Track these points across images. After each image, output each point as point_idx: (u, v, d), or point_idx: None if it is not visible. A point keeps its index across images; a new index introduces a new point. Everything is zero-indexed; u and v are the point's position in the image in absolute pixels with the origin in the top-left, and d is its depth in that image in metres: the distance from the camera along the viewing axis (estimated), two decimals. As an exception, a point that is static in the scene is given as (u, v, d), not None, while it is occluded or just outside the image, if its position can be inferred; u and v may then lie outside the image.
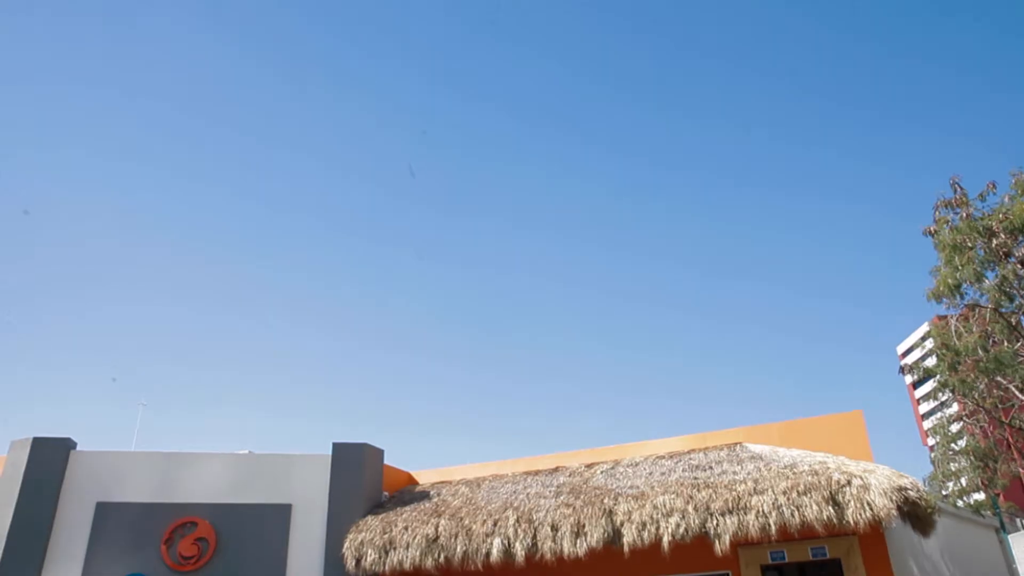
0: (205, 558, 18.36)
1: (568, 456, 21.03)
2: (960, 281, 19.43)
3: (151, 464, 19.43)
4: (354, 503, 19.44)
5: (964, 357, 18.53)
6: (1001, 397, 22.39)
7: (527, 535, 16.82)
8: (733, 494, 15.57)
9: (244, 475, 19.52)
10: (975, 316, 20.37)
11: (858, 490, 14.66)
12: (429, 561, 17.47)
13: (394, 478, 21.66)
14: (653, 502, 16.15)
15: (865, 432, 18.30)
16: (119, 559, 18.17)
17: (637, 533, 15.82)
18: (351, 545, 18.30)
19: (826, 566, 17.97)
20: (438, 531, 17.73)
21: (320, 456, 19.80)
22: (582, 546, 16.24)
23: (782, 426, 19.16)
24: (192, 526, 18.63)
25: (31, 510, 18.34)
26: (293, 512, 19.06)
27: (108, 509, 18.69)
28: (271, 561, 18.52)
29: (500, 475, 20.93)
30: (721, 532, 15.19)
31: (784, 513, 14.85)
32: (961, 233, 18.25)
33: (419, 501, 19.98)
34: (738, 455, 17.85)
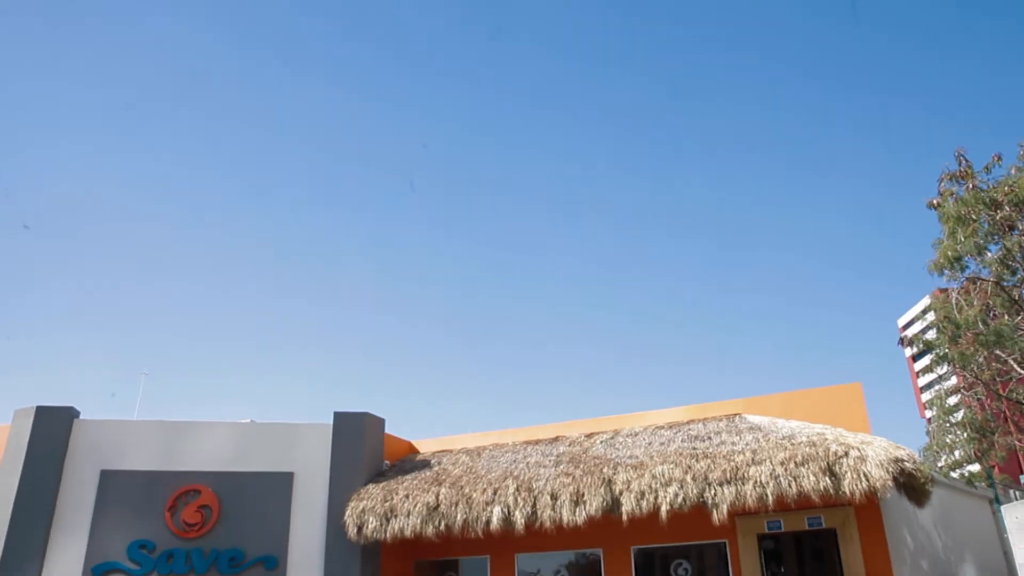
0: (208, 525, 18.59)
1: (568, 426, 21.19)
2: (961, 253, 19.35)
3: (154, 433, 19.59)
4: (355, 472, 19.63)
5: (964, 330, 18.51)
6: (999, 370, 22.42)
7: (527, 503, 17.01)
8: (731, 464, 15.71)
9: (246, 444, 19.68)
10: (976, 289, 20.33)
11: (855, 461, 14.79)
12: (430, 529, 17.69)
13: (395, 447, 21.85)
14: (652, 472, 16.30)
15: (864, 404, 18.43)
16: (124, 526, 18.40)
17: (636, 502, 15.99)
18: (352, 513, 18.52)
19: (822, 536, 18.21)
20: (439, 499, 17.92)
21: (321, 425, 19.96)
22: (581, 515, 16.44)
23: (781, 397, 19.27)
24: (195, 494, 18.84)
25: (36, 478, 18.53)
26: (295, 480, 19.27)
27: (112, 477, 18.88)
28: (273, 528, 18.75)
29: (500, 444, 21.11)
30: (719, 502, 15.36)
31: (781, 483, 15.00)
32: (966, 205, 18.12)
33: (420, 470, 20.17)
34: (737, 426, 17.98)
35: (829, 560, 17.92)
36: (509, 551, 19.71)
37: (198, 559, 18.21)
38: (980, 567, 21.91)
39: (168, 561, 18.14)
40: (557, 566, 19.76)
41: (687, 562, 18.64)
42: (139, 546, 18.20)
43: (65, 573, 17.89)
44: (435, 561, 20.97)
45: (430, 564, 21.12)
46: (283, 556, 18.51)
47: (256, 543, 18.53)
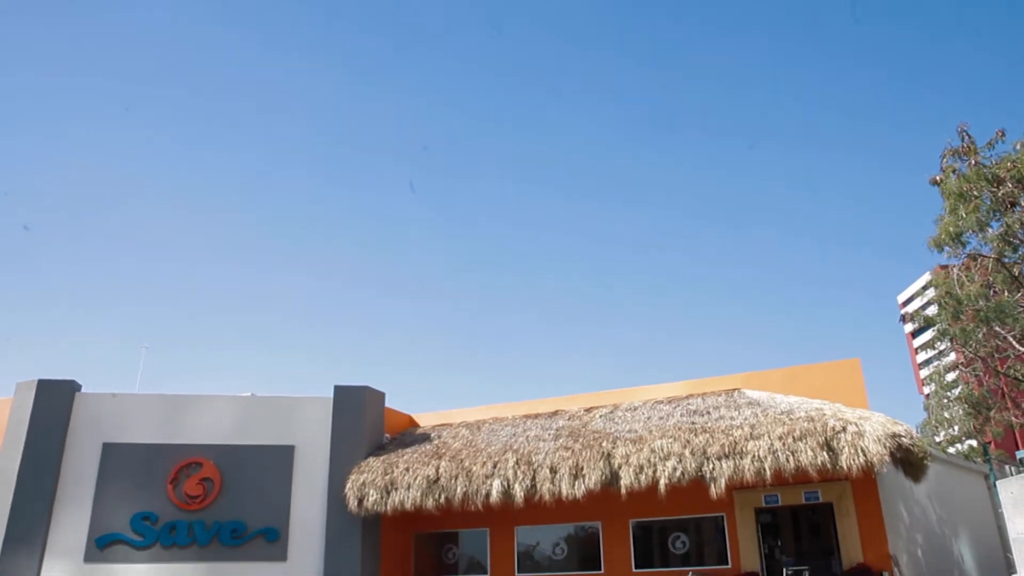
0: (211, 497, 18.75)
1: (567, 400, 21.28)
2: (963, 230, 19.34)
3: (156, 406, 19.70)
4: (356, 445, 19.76)
5: (966, 306, 18.57)
6: (998, 347, 22.54)
7: (526, 477, 17.13)
8: (730, 439, 15.80)
9: (247, 417, 19.79)
10: (977, 266, 20.36)
11: (853, 436, 14.86)
12: (430, 502, 17.85)
13: (395, 420, 21.98)
14: (651, 446, 16.40)
15: (862, 380, 18.48)
16: (127, 498, 18.57)
17: (634, 476, 16.10)
18: (353, 486, 18.67)
19: (818, 510, 18.38)
20: (439, 472, 18.05)
21: (322, 399, 20.05)
22: (580, 488, 16.57)
23: (780, 373, 19.32)
24: (197, 466, 18.98)
25: (39, 451, 18.66)
26: (296, 453, 19.40)
27: (114, 450, 19.01)
28: (275, 501, 18.92)
29: (500, 418, 21.22)
30: (717, 476, 15.47)
31: (779, 458, 15.09)
32: (968, 181, 18.09)
33: (420, 443, 20.30)
34: (736, 401, 18.05)
35: (825, 534, 18.10)
36: (509, 524, 19.91)
37: (200, 531, 18.40)
38: (974, 541, 22.14)
39: (171, 533, 18.33)
40: (556, 539, 19.97)
41: (685, 535, 18.82)
42: (142, 518, 18.38)
43: (69, 544, 18.12)
44: (435, 533, 21.19)
45: (430, 536, 21.34)
46: (284, 528, 18.70)
47: (257, 515, 18.70)
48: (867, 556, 16.98)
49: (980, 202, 18.46)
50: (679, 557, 18.64)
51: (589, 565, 19.32)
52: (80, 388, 19.72)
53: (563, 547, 19.89)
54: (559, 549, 19.89)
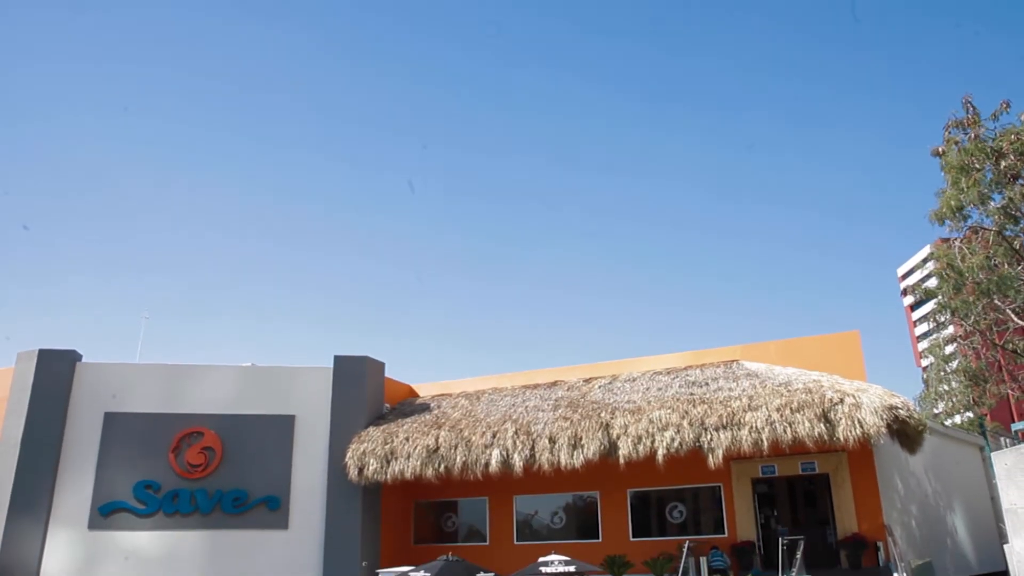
0: (212, 466, 18.90)
1: (567, 371, 21.36)
2: (964, 203, 19.27)
3: (157, 375, 19.78)
4: (356, 414, 19.88)
5: (966, 279, 18.56)
6: (997, 320, 22.58)
7: (525, 447, 17.26)
8: (728, 410, 15.89)
9: (248, 387, 19.88)
10: (978, 239, 20.31)
11: (850, 408, 14.94)
12: (429, 471, 18.00)
13: (395, 390, 22.09)
14: (649, 416, 16.50)
15: (860, 352, 18.54)
16: (130, 467, 18.72)
17: (633, 446, 16.22)
18: (353, 455, 18.81)
19: (814, 480, 18.55)
20: (438, 442, 18.19)
21: (322, 369, 20.13)
22: (579, 458, 16.70)
23: (779, 344, 19.37)
24: (198, 436, 19.11)
25: (42, 420, 18.77)
26: (296, 423, 19.52)
27: (116, 419, 19.13)
28: (276, 470, 19.08)
29: (499, 388, 21.32)
30: (715, 446, 15.58)
31: (777, 429, 15.19)
32: (969, 154, 17.96)
33: (420, 413, 20.42)
34: (734, 372, 18.11)
35: (821, 504, 18.29)
36: (507, 493, 20.11)
37: (202, 499, 18.58)
38: (968, 512, 22.35)
39: (173, 501, 18.51)
40: (555, 508, 20.18)
41: (682, 505, 19.02)
42: (144, 486, 18.55)
43: (73, 512, 18.32)
44: (435, 502, 21.41)
45: (430, 505, 21.56)
46: (285, 497, 18.89)
47: (259, 484, 18.88)
48: (862, 526, 17.17)
49: (981, 175, 18.36)
50: (676, 526, 18.85)
51: (587, 534, 19.55)
52: (81, 358, 19.78)
53: (561, 516, 20.10)
54: (557, 518, 20.11)
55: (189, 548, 18.33)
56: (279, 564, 18.53)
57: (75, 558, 18.06)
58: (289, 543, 18.62)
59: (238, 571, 18.56)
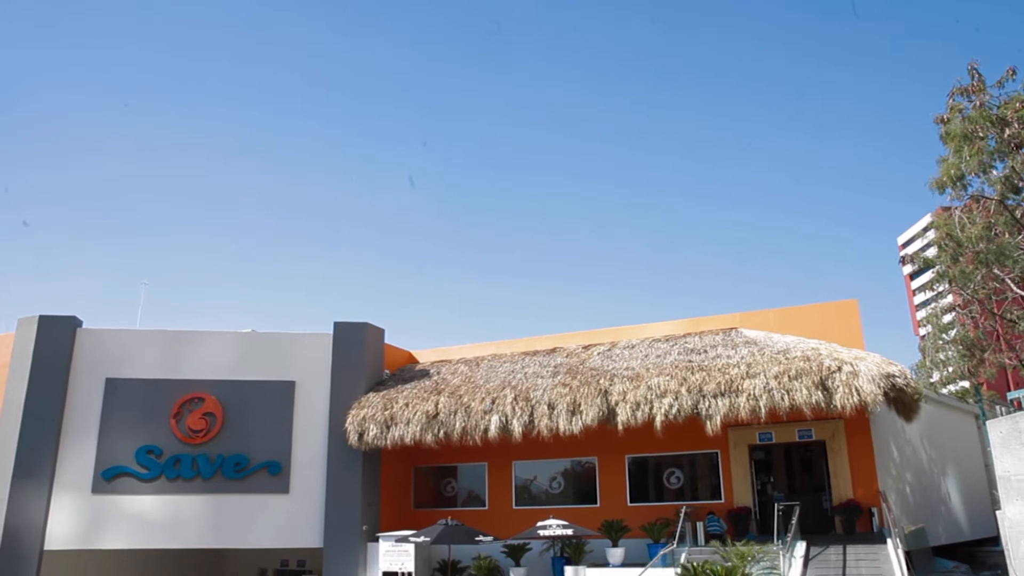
0: (213, 432, 19.03)
1: (566, 337, 21.42)
2: (965, 171, 19.11)
3: (157, 341, 19.82)
4: (356, 380, 19.97)
5: (966, 248, 18.48)
6: (996, 289, 22.54)
7: (524, 413, 17.37)
8: (726, 377, 15.96)
9: (248, 353, 19.94)
10: (979, 208, 20.20)
11: (847, 376, 15.01)
12: (429, 436, 18.13)
13: (395, 356, 22.16)
14: (648, 383, 16.58)
15: (859, 321, 18.58)
16: (132, 432, 18.84)
17: (631, 413, 16.32)
18: (353, 420, 18.93)
19: (811, 447, 18.71)
20: (438, 408, 18.29)
21: (322, 335, 20.17)
22: (577, 424, 16.82)
23: (778, 312, 19.41)
24: (199, 401, 19.21)
25: (43, 386, 18.85)
26: (296, 389, 19.61)
27: (117, 385, 19.21)
28: (277, 435, 19.20)
29: (499, 355, 21.39)
30: (712, 413, 15.68)
31: (775, 396, 15.28)
32: (972, 123, 17.77)
33: (419, 379, 20.51)
34: (733, 340, 18.17)
35: (817, 471, 18.47)
36: (507, 458, 20.29)
37: (204, 464, 18.73)
38: (962, 479, 22.59)
39: (175, 466, 18.66)
40: (553, 473, 20.38)
41: (679, 471, 19.20)
42: (147, 451, 18.69)
43: (76, 476, 18.48)
44: (434, 467, 21.61)
45: (430, 470, 21.77)
46: (286, 462, 19.04)
47: (260, 449, 19.02)
48: (857, 493, 17.36)
49: (985, 144, 18.18)
50: (674, 492, 19.05)
51: (585, 499, 19.77)
52: (81, 324, 19.80)
53: (560, 481, 20.31)
54: (556, 483, 20.32)
55: (191, 512, 18.53)
56: (280, 528, 18.76)
57: (79, 522, 18.27)
58: (290, 507, 18.82)
59: (240, 535, 18.79)
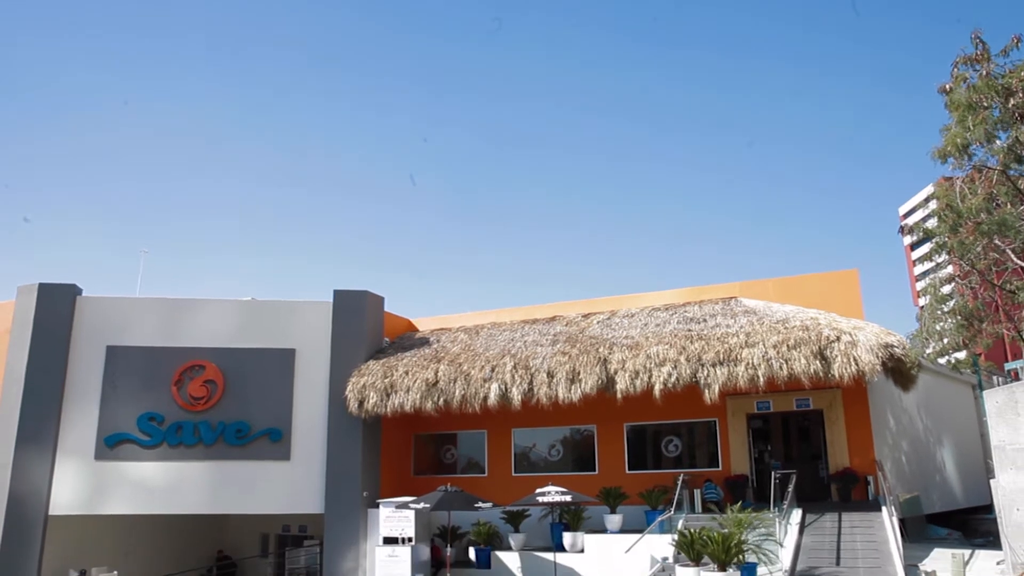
0: (214, 399, 19.12)
1: (566, 306, 21.43)
2: (970, 141, 18.93)
3: (157, 309, 19.82)
4: (356, 348, 20.01)
5: (966, 219, 18.39)
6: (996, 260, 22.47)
7: (524, 381, 17.44)
8: (725, 346, 16.01)
9: (248, 320, 19.96)
10: (981, 178, 20.06)
11: (846, 346, 15.06)
12: (429, 404, 18.22)
13: (394, 324, 22.19)
14: (647, 352, 16.63)
15: (859, 291, 18.58)
16: (133, 400, 18.93)
17: (630, 381, 16.39)
18: (353, 388, 19.01)
19: (808, 416, 18.83)
20: (437, 376, 18.36)
21: (322, 303, 20.17)
22: (576, 392, 16.90)
23: (777, 282, 19.39)
24: (200, 369, 19.27)
25: (44, 353, 18.90)
26: (296, 356, 19.65)
27: (118, 352, 19.25)
28: (277, 402, 19.29)
29: (498, 323, 21.41)
30: (711, 382, 15.75)
31: (773, 366, 15.33)
32: (977, 92, 17.57)
33: (419, 347, 20.56)
34: (732, 309, 18.18)
35: (814, 439, 18.61)
36: (506, 426, 20.42)
37: (206, 431, 18.86)
38: (958, 448, 22.79)
39: (177, 433, 18.79)
40: (552, 441, 20.53)
41: (678, 439, 19.35)
42: (148, 418, 18.80)
43: (79, 442, 18.60)
44: (434, 435, 21.76)
45: (429, 437, 21.93)
46: (287, 429, 19.16)
47: (261, 416, 19.13)
48: (853, 461, 17.51)
49: (989, 114, 18.01)
50: (671, 460, 19.21)
51: (584, 466, 19.94)
52: (81, 292, 19.79)
53: (559, 449, 20.47)
54: (555, 451, 20.49)
55: (193, 478, 18.70)
56: (281, 494, 18.94)
57: (83, 487, 18.45)
58: (291, 474, 18.98)
59: (242, 501, 18.99)
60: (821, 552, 13.78)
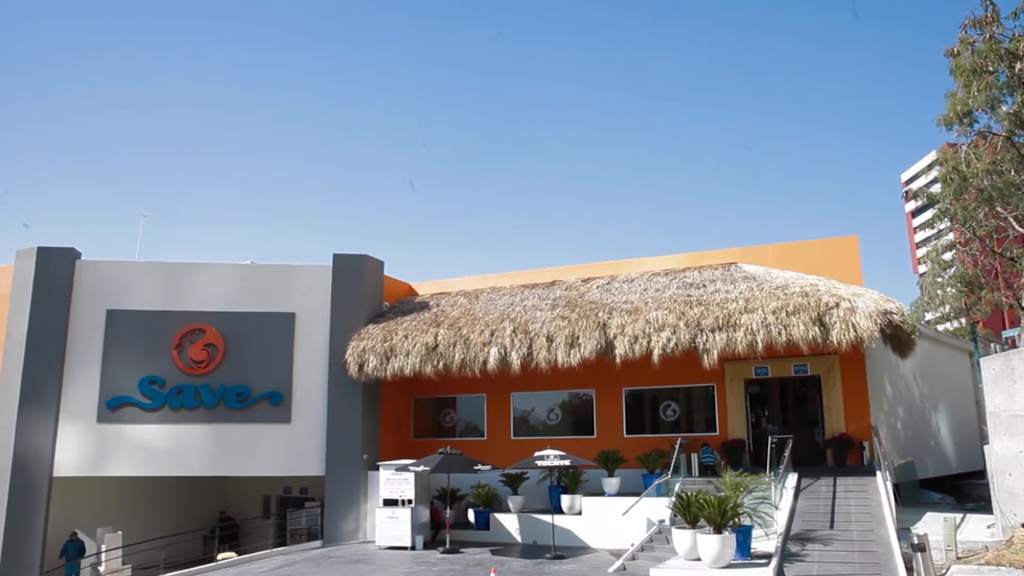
0: (215, 362, 19.21)
1: (565, 271, 21.40)
2: (972, 107, 18.74)
3: (157, 273, 19.82)
4: (355, 312, 20.05)
5: (970, 185, 18.28)
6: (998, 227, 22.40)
7: (523, 345, 17.50)
8: (724, 312, 16.02)
9: (248, 284, 19.97)
10: (986, 145, 19.90)
11: (845, 312, 15.06)
12: (428, 368, 18.31)
13: (394, 289, 22.20)
14: (646, 317, 16.66)
15: (859, 257, 18.55)
16: (134, 363, 19.03)
17: (629, 346, 16.45)
18: (353, 352, 19.09)
19: (806, 382, 18.92)
20: (437, 340, 18.42)
21: (321, 267, 20.16)
22: (575, 357, 16.96)
23: (778, 248, 19.34)
24: (200, 333, 19.33)
25: (45, 317, 18.94)
26: (296, 320, 19.70)
27: (118, 316, 19.29)
28: (278, 366, 19.40)
29: (498, 287, 21.41)
30: (710, 347, 15.80)
31: (772, 331, 15.37)
32: (982, 56, 17.33)
33: (419, 311, 20.59)
34: (732, 275, 18.16)
35: (811, 405, 18.72)
36: (505, 390, 20.55)
37: (207, 394, 18.98)
38: (953, 414, 22.95)
39: (178, 396, 18.91)
40: (551, 404, 20.67)
41: (676, 403, 19.47)
42: (150, 382, 18.91)
43: (82, 406, 18.75)
44: (434, 398, 21.91)
45: (429, 401, 22.08)
46: (288, 392, 19.29)
47: (261, 380, 19.25)
48: (849, 427, 17.65)
49: (994, 79, 17.79)
50: (669, 424, 19.36)
51: (582, 430, 20.10)
52: (80, 256, 19.76)
53: (557, 413, 20.61)
54: (553, 415, 20.63)
55: (195, 441, 18.88)
56: (282, 457, 19.14)
57: (86, 450, 18.63)
58: (292, 437, 19.16)
59: (243, 463, 19.20)
60: (815, 515, 13.95)
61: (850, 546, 12.26)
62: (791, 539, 12.80)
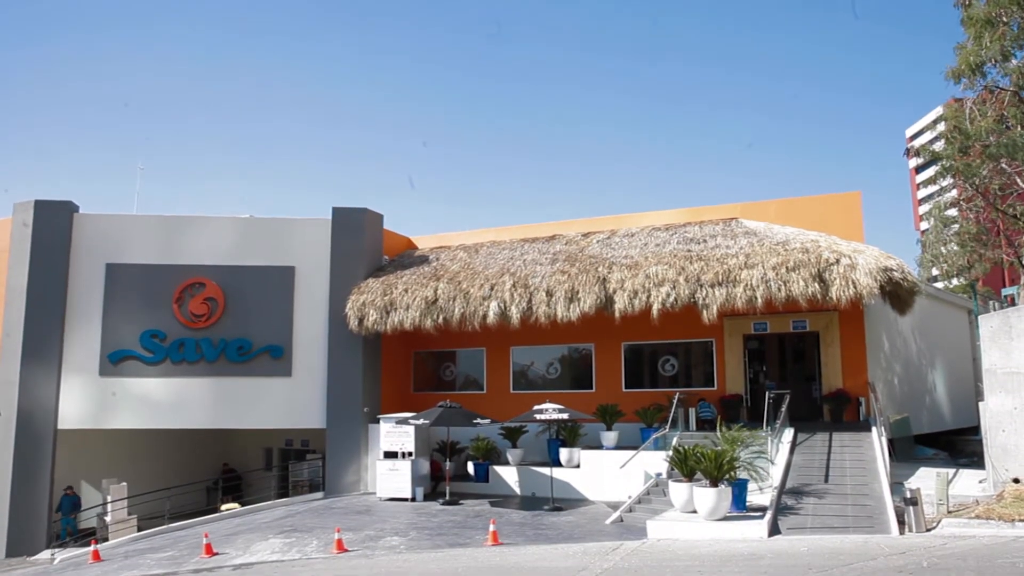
0: (215, 316, 19.25)
1: (565, 225, 21.29)
2: (984, 60, 18.44)
3: (156, 227, 19.74)
4: (355, 266, 20.02)
5: (974, 141, 18.09)
6: (1002, 184, 22.25)
7: (523, 299, 17.51)
8: (724, 267, 15.98)
9: (247, 238, 19.90)
10: (993, 100, 19.63)
11: (845, 269, 15.02)
12: (428, 322, 18.35)
13: (394, 243, 22.12)
14: (646, 272, 16.62)
15: (860, 214, 18.40)
16: (135, 317, 19.07)
17: (628, 301, 16.45)
18: (353, 306, 19.11)
19: (804, 338, 18.98)
20: (437, 294, 18.42)
21: (321, 220, 20.05)
22: (575, 311, 16.98)
23: (779, 204, 19.21)
24: (200, 286, 19.32)
25: (44, 270, 18.92)
26: (296, 274, 19.69)
27: (118, 270, 19.28)
28: (278, 319, 19.45)
29: (498, 242, 21.33)
30: (709, 303, 15.80)
31: (771, 287, 15.35)
32: (997, 5, 16.98)
33: (418, 265, 20.55)
34: (732, 230, 18.07)
35: (809, 361, 18.80)
36: (504, 344, 20.63)
37: (207, 348, 19.06)
38: (950, 371, 23.07)
39: (179, 349, 19.00)
40: (550, 359, 20.77)
41: (674, 358, 19.56)
42: (151, 335, 18.98)
43: (84, 360, 18.87)
44: (434, 352, 22.00)
45: (429, 355, 22.18)
46: (288, 346, 19.37)
47: (262, 333, 19.32)
48: (846, 383, 17.75)
49: (1008, 28, 17.45)
50: (668, 379, 19.47)
51: (581, 384, 20.23)
52: (78, 209, 19.65)
53: (556, 367, 20.73)
54: (553, 369, 20.75)
55: (197, 394, 19.04)
56: (283, 409, 19.32)
57: (89, 403, 18.80)
58: (293, 390, 19.31)
59: (244, 416, 19.39)
60: (811, 470, 14.12)
61: (844, 500, 12.44)
62: (786, 493, 12.99)
